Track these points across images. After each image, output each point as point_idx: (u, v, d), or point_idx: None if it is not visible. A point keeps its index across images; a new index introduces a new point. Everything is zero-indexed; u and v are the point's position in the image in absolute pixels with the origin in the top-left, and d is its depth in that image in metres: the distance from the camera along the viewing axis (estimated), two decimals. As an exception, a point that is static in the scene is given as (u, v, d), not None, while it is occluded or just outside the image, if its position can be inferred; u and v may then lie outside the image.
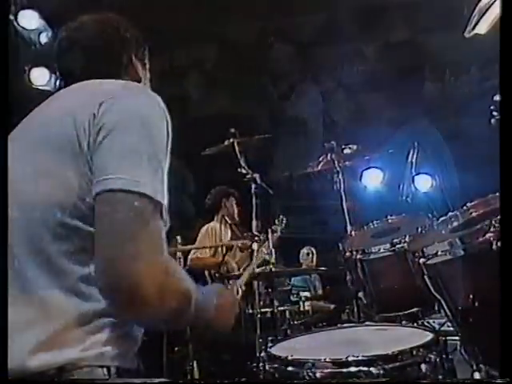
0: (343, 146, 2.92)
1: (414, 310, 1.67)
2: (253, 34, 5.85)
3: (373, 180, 4.17)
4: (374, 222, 1.95)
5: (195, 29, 5.13)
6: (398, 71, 6.40)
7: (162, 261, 0.80)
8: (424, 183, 3.60)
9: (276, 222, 3.46)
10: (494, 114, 1.51)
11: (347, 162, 2.62)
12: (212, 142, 2.75)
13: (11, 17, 4.18)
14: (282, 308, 3.56)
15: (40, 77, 4.34)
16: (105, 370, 0.81)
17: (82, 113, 0.86)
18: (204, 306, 0.91)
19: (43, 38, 4.30)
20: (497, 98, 1.50)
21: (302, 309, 3.83)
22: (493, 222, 1.06)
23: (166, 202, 0.84)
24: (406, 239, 1.63)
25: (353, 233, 2.05)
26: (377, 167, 4.13)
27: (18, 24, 4.19)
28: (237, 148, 2.46)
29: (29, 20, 4.19)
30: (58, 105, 0.97)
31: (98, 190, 0.79)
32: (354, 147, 2.78)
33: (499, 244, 1.01)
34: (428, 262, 1.21)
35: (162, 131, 0.87)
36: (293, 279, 4.44)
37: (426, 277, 1.23)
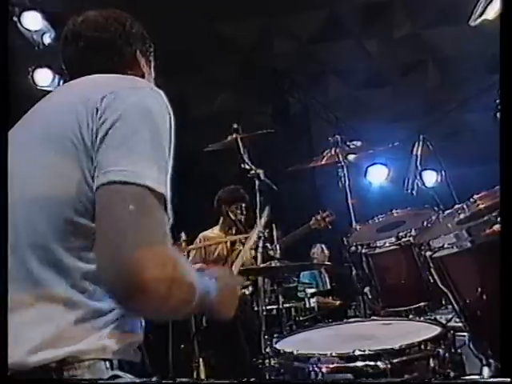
0: (347, 143, 2.89)
1: (421, 304, 1.65)
2: (255, 30, 5.83)
3: (378, 176, 4.16)
4: (379, 215, 1.93)
5: (197, 25, 5.12)
6: (402, 66, 6.36)
7: (166, 252, 0.78)
8: (430, 178, 3.58)
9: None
10: (500, 107, 1.48)
11: (352, 157, 2.59)
12: (215, 138, 2.74)
13: (15, 18, 4.21)
14: (287, 305, 3.55)
15: (43, 77, 4.36)
16: (107, 363, 0.81)
17: (85, 108, 0.85)
18: (205, 294, 0.90)
19: (46, 39, 4.32)
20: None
21: (308, 305, 3.82)
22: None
23: (168, 193, 0.82)
24: (412, 232, 1.62)
25: (357, 227, 2.03)
26: (382, 163, 4.12)
27: (22, 25, 4.22)
28: (240, 144, 2.45)
29: (32, 21, 4.22)
30: (59, 101, 0.96)
31: (99, 183, 0.79)
32: (358, 143, 2.76)
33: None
34: (434, 255, 1.19)
35: (165, 125, 0.87)
36: (301, 276, 4.43)
37: (432, 270, 1.21)
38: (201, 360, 2.82)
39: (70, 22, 1.09)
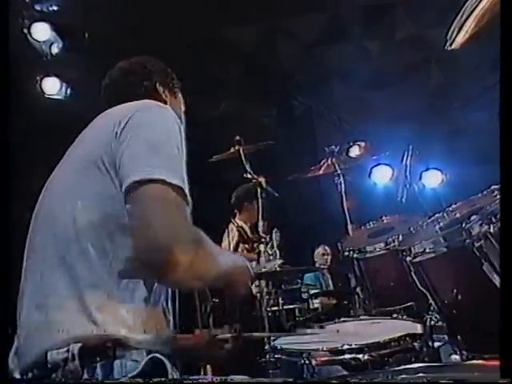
0: (351, 143, 3.01)
1: (409, 304, 1.77)
2: (258, 34, 5.91)
3: (382, 177, 4.18)
4: (371, 222, 2.07)
5: (201, 29, 5.20)
6: (405, 67, 6.41)
7: (188, 233, 0.95)
8: (429, 182, 3.68)
9: None
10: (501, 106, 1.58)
11: (348, 165, 2.72)
12: (220, 143, 2.87)
13: (25, 30, 4.37)
14: (291, 306, 3.66)
15: (51, 86, 4.52)
16: (146, 351, 0.97)
17: (110, 132, 1.03)
18: (225, 265, 1.08)
19: (54, 49, 4.48)
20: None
21: (311, 306, 3.93)
22: (471, 219, 1.17)
23: (185, 183, 0.98)
24: (399, 238, 1.74)
25: (351, 233, 2.16)
26: (386, 164, 4.15)
27: (31, 36, 4.38)
28: (242, 155, 2.59)
29: (41, 32, 4.38)
30: (90, 130, 1.16)
31: (125, 187, 0.95)
32: (363, 144, 2.88)
33: (472, 241, 1.13)
34: (414, 260, 1.32)
35: (172, 132, 1.04)
36: (305, 277, 4.53)
37: (412, 273, 1.34)
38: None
39: (108, 72, 1.37)
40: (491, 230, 1.04)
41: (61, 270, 0.99)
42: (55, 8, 4.47)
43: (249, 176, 2.55)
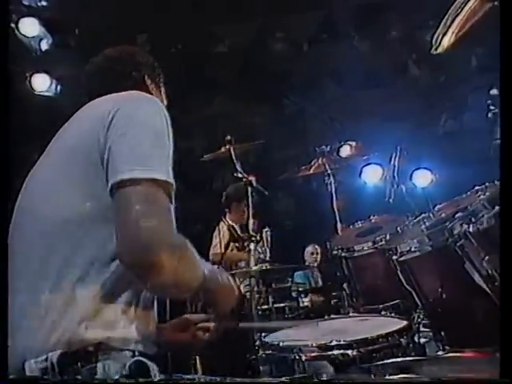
0: (342, 143, 3.05)
1: (396, 301, 1.81)
2: (251, 33, 5.92)
3: (372, 176, 4.21)
4: (359, 221, 2.11)
5: (192, 27, 5.19)
6: (395, 67, 6.47)
7: (174, 237, 0.92)
8: (418, 179, 3.73)
9: None
10: (491, 107, 1.62)
11: (339, 165, 2.76)
12: (209, 146, 2.89)
13: (12, 25, 4.32)
14: (281, 304, 3.70)
15: (41, 83, 4.48)
16: (130, 352, 0.96)
17: (95, 125, 1.00)
18: (210, 277, 1.03)
19: (43, 45, 4.44)
20: (494, 91, 1.60)
21: (301, 304, 3.97)
22: (455, 219, 1.21)
23: (173, 181, 0.95)
24: (387, 237, 1.78)
25: (340, 232, 2.19)
26: (376, 163, 4.18)
27: (19, 31, 4.33)
28: (233, 154, 2.62)
29: (29, 27, 4.33)
30: (75, 122, 1.13)
31: (113, 183, 0.93)
32: (353, 144, 2.92)
33: (454, 240, 1.17)
34: (400, 259, 1.36)
35: (161, 126, 1.00)
36: (295, 276, 4.57)
37: (399, 272, 1.38)
38: (197, 358, 2.97)
39: (93, 59, 1.31)
40: (470, 230, 1.08)
41: (41, 269, 0.95)
42: (44, 3, 4.44)
43: (239, 175, 2.57)
